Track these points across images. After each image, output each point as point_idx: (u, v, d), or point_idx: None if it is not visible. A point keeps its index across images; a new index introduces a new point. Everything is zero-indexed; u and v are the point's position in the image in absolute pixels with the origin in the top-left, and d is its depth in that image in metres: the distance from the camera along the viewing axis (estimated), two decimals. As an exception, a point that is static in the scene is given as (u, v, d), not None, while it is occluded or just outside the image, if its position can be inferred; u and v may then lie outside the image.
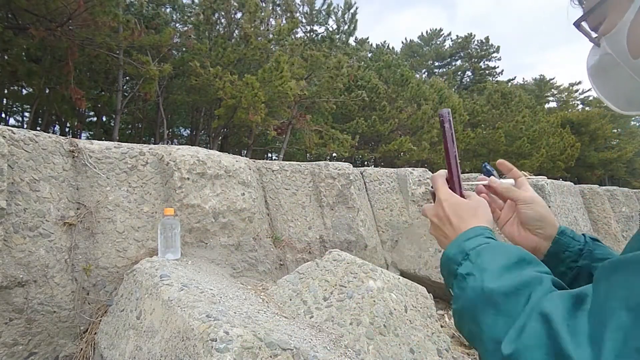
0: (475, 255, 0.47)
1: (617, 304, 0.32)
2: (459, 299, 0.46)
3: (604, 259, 0.61)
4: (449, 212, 0.56)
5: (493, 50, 31.46)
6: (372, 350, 1.36)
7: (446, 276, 0.51)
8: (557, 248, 0.64)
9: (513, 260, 0.45)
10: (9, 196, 1.46)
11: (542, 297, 0.38)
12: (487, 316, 0.41)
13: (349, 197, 2.84)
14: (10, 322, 1.42)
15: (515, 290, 0.41)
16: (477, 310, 0.42)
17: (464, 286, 0.45)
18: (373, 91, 14.74)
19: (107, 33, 7.60)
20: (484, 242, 0.50)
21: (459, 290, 0.46)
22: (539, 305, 0.37)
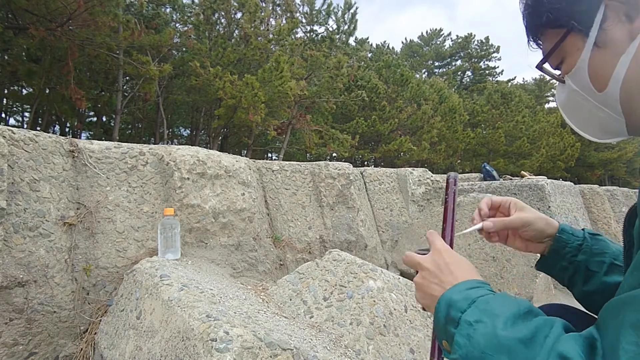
0: (484, 303, 0.45)
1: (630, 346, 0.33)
2: (462, 347, 0.43)
3: (602, 253, 0.64)
4: (449, 261, 0.54)
5: (493, 50, 31.46)
6: (372, 350, 1.36)
7: (443, 323, 0.47)
8: (558, 245, 0.67)
9: (523, 310, 0.43)
10: (9, 196, 1.46)
11: (557, 339, 0.38)
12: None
13: (349, 197, 2.84)
14: (11, 322, 1.42)
15: (532, 336, 0.40)
16: (487, 358, 0.40)
17: (470, 333, 0.43)
18: (373, 91, 14.74)
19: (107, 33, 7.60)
20: (490, 293, 0.48)
21: (464, 338, 0.43)
22: (556, 347, 0.37)
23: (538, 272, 2.52)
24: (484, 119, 18.85)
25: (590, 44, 0.49)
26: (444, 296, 0.49)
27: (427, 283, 0.54)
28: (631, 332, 0.33)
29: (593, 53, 0.49)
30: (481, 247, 2.83)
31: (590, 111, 0.53)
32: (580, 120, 0.56)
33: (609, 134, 0.54)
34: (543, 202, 3.07)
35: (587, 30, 0.49)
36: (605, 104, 0.50)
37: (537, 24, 0.56)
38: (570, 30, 0.51)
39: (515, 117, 17.87)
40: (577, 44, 0.50)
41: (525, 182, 3.15)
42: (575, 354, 0.36)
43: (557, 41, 0.52)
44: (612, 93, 0.48)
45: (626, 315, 0.34)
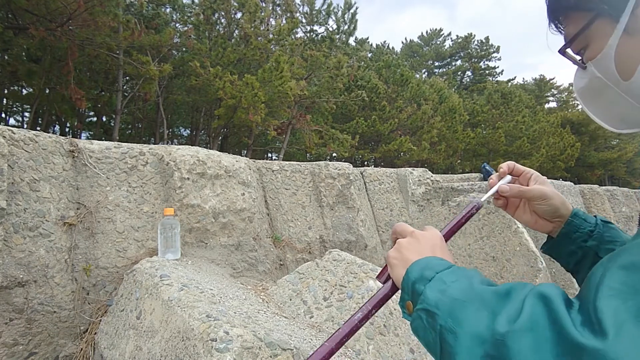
0: (461, 269, 0.44)
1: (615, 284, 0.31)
2: (431, 298, 0.41)
3: (613, 241, 0.63)
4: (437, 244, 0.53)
5: (493, 50, 31.47)
6: (372, 350, 1.36)
7: (411, 282, 0.45)
8: (569, 229, 0.66)
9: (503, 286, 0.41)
10: (9, 196, 1.46)
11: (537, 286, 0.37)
12: (469, 310, 0.38)
13: (349, 197, 2.84)
14: (11, 322, 1.42)
15: (507, 292, 0.38)
16: (457, 304, 0.39)
17: (444, 288, 0.41)
18: (373, 91, 14.74)
19: (107, 33, 7.59)
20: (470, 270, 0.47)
21: (435, 292, 0.42)
22: (536, 288, 0.36)
23: (538, 272, 2.52)
24: (484, 119, 18.85)
25: (620, 29, 0.47)
26: (420, 260, 0.48)
27: (409, 247, 0.53)
28: (620, 272, 0.31)
29: (622, 40, 0.47)
30: (481, 247, 2.84)
31: (612, 100, 0.51)
32: (600, 109, 0.55)
33: (628, 124, 0.53)
34: (543, 202, 3.06)
35: (618, 15, 0.46)
36: (630, 93, 0.48)
37: (563, 5, 0.53)
38: (598, 14, 0.48)
39: (515, 117, 17.87)
40: (605, 29, 0.48)
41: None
42: (554, 294, 0.34)
43: (584, 25, 0.50)
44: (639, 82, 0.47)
45: (618, 258, 0.33)
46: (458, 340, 0.36)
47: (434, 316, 0.40)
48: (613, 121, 0.54)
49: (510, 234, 2.60)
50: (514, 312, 0.35)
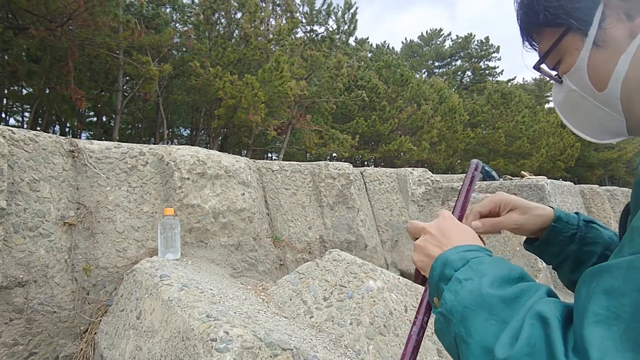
0: (477, 263, 0.45)
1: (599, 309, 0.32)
2: (448, 302, 0.43)
3: (594, 242, 0.64)
4: (451, 226, 0.54)
5: (493, 50, 31.47)
6: (372, 350, 1.36)
7: (436, 281, 0.48)
8: (552, 235, 0.66)
9: (515, 275, 0.43)
10: (9, 196, 1.46)
11: (538, 301, 0.38)
12: (479, 320, 0.39)
13: (349, 197, 2.84)
14: (11, 322, 1.42)
15: (515, 296, 0.39)
16: (468, 313, 0.40)
17: (458, 289, 0.43)
18: (373, 91, 14.74)
19: (107, 33, 7.59)
20: (487, 255, 0.48)
21: (451, 294, 0.44)
22: (535, 307, 0.37)
23: (538, 272, 2.52)
24: (484, 119, 18.85)
25: (590, 42, 0.48)
26: (441, 256, 0.49)
27: (427, 245, 0.54)
28: (602, 297, 0.32)
29: (592, 52, 0.48)
30: (481, 247, 2.83)
31: (590, 111, 0.52)
32: (579, 121, 0.56)
33: (608, 134, 0.53)
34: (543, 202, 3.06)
35: (586, 29, 0.48)
36: (606, 103, 0.49)
37: (533, 23, 0.54)
38: (568, 29, 0.50)
39: (515, 117, 17.88)
40: (575, 43, 0.50)
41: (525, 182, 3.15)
42: (552, 315, 0.35)
43: (554, 41, 0.51)
44: (613, 92, 0.48)
45: (600, 281, 0.34)
46: (470, 349, 0.38)
47: (450, 322, 0.42)
48: (594, 132, 0.55)
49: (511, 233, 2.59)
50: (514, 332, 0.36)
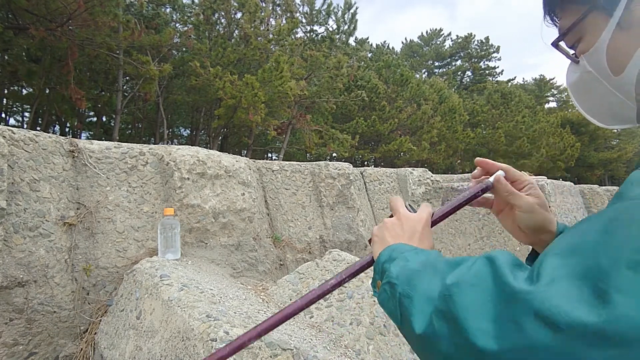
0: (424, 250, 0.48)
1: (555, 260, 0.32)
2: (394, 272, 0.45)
3: None
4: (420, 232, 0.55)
5: (493, 50, 31.47)
6: (372, 350, 1.36)
7: (382, 262, 0.50)
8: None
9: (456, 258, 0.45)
10: (9, 196, 1.46)
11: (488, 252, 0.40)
12: (424, 276, 0.41)
13: (349, 197, 2.84)
14: (11, 322, 1.42)
15: (461, 260, 0.41)
16: (414, 274, 0.43)
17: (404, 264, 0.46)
18: (373, 91, 14.74)
19: (107, 33, 7.59)
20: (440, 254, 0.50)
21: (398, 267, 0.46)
22: (486, 254, 0.38)
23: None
24: (484, 119, 18.85)
25: (614, 24, 0.46)
26: (392, 245, 0.51)
27: (390, 229, 0.56)
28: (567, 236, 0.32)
29: (615, 34, 0.46)
30: (481, 247, 2.84)
31: (602, 95, 0.51)
32: (590, 104, 0.54)
33: (617, 120, 0.52)
34: (543, 202, 3.06)
35: (612, 9, 0.46)
36: (620, 89, 0.48)
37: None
38: (593, 8, 0.48)
39: (515, 117, 17.87)
40: (598, 23, 0.48)
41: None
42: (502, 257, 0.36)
43: (577, 18, 0.49)
44: (629, 78, 0.46)
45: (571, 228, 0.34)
46: (413, 302, 0.40)
47: (394, 286, 0.44)
48: (603, 117, 0.54)
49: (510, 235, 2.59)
50: (461, 272, 0.38)
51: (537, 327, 0.28)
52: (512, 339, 0.29)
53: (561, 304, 0.28)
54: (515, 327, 0.29)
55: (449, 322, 0.34)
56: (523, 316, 0.29)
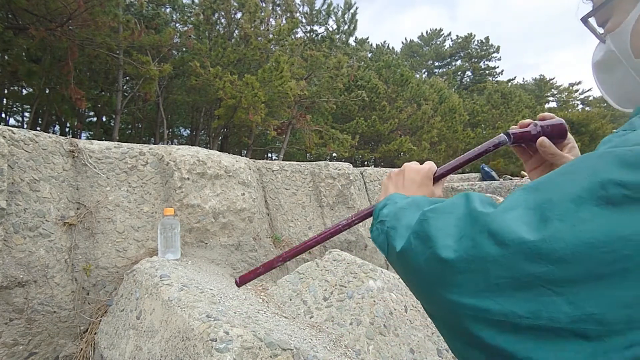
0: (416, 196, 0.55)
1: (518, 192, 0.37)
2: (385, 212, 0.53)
3: None
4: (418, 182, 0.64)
5: (493, 50, 31.47)
6: (372, 350, 1.36)
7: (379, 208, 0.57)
8: None
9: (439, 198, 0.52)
10: (9, 196, 1.46)
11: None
12: (408, 212, 0.49)
13: (349, 197, 2.84)
14: (11, 322, 1.42)
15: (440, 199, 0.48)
16: (400, 211, 0.50)
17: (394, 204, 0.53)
18: (373, 91, 14.74)
19: (107, 33, 7.59)
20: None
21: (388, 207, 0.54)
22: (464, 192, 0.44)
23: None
24: (484, 119, 18.85)
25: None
26: (390, 195, 0.59)
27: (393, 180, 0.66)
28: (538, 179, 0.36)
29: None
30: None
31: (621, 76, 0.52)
32: (609, 84, 0.55)
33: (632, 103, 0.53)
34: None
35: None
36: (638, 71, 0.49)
37: None
38: None
39: (516, 117, 17.87)
40: (628, 4, 0.49)
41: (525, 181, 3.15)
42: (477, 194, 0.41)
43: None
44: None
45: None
46: (397, 231, 0.47)
47: (384, 223, 0.52)
48: (618, 98, 0.55)
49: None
50: (439, 204, 0.44)
51: (489, 243, 0.33)
52: (467, 252, 0.35)
53: (511, 225, 0.32)
54: (472, 243, 0.35)
55: (423, 240, 0.41)
56: (479, 234, 0.35)
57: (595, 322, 0.28)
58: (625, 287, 0.27)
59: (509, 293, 0.32)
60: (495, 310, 0.32)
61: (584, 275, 0.29)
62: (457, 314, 0.36)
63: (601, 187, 0.30)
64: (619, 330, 0.27)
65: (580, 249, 0.29)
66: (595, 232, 0.29)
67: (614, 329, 0.28)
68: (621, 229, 0.28)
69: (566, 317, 0.29)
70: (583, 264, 0.29)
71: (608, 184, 0.29)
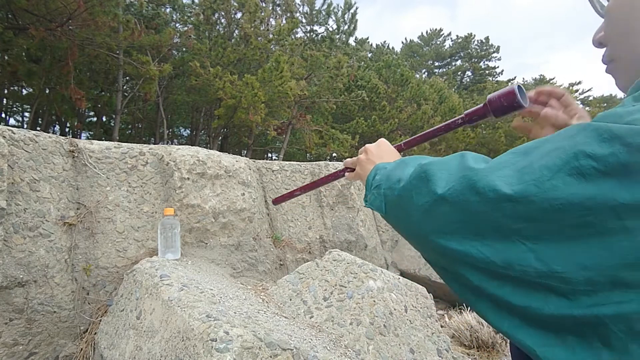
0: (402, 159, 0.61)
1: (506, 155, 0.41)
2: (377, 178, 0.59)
3: None
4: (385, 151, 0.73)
5: (493, 50, 31.47)
6: (372, 350, 1.36)
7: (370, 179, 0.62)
8: None
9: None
10: (9, 196, 1.46)
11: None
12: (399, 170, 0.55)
13: (349, 197, 2.84)
14: (11, 322, 1.42)
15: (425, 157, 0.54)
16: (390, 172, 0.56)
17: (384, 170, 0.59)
18: (373, 91, 14.74)
19: (107, 33, 7.59)
20: None
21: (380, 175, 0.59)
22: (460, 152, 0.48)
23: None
24: (482, 119, 18.84)
25: None
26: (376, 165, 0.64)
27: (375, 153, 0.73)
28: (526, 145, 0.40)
29: None
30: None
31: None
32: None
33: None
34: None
35: None
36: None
37: None
38: None
39: (515, 117, 17.86)
40: None
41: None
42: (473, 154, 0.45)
43: None
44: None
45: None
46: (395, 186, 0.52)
47: (379, 187, 0.57)
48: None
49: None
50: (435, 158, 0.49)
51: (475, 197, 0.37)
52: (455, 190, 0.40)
53: (496, 183, 0.36)
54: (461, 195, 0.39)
55: (422, 180, 0.46)
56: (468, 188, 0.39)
57: (560, 279, 0.31)
58: (586, 251, 0.30)
59: (489, 242, 0.36)
60: (477, 257, 0.37)
61: (551, 235, 0.32)
62: (448, 257, 0.41)
63: (575, 158, 0.32)
64: (584, 290, 0.30)
65: (549, 212, 0.32)
66: (563, 199, 0.31)
67: (578, 289, 0.31)
68: (586, 199, 0.30)
69: (535, 271, 0.32)
70: (551, 225, 0.32)
71: (581, 156, 0.32)
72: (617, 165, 0.30)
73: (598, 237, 0.30)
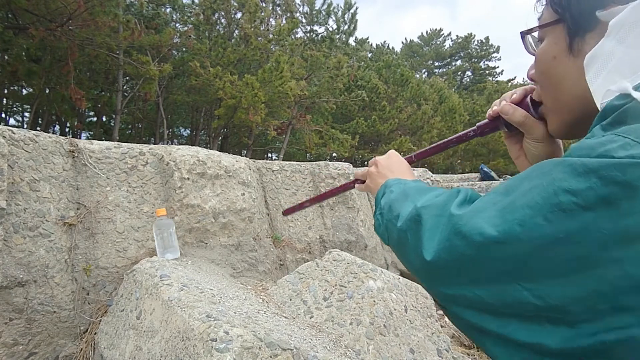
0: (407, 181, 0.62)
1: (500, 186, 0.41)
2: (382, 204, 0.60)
3: None
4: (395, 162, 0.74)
5: (493, 50, 31.48)
6: (372, 350, 1.36)
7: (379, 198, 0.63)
8: None
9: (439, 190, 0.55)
10: (9, 196, 1.46)
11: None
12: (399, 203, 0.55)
13: (349, 197, 2.84)
14: (10, 322, 1.42)
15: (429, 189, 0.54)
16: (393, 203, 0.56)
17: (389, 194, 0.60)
18: (373, 91, 14.74)
19: (107, 33, 7.59)
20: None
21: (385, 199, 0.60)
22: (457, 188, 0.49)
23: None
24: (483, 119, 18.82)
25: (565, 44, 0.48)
26: (387, 181, 0.65)
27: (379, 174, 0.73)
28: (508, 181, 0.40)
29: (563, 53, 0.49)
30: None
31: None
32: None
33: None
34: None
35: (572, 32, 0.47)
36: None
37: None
38: (561, 21, 0.49)
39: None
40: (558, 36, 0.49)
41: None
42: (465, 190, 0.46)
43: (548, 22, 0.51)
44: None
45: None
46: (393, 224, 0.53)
47: (383, 215, 0.58)
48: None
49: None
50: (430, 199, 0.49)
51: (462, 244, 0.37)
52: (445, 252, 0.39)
53: (481, 227, 0.36)
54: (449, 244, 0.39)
55: (414, 236, 0.46)
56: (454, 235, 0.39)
57: (561, 312, 0.31)
58: (581, 285, 0.30)
59: (483, 286, 0.36)
60: (475, 300, 0.37)
61: (543, 273, 0.32)
62: (447, 302, 0.42)
63: (555, 194, 0.32)
64: (587, 318, 0.30)
65: (536, 250, 0.32)
66: (549, 236, 0.31)
67: (581, 318, 0.30)
68: (572, 234, 0.30)
69: (534, 307, 0.32)
70: (541, 263, 0.32)
71: (560, 192, 0.32)
72: (595, 199, 0.30)
73: (590, 270, 0.30)
